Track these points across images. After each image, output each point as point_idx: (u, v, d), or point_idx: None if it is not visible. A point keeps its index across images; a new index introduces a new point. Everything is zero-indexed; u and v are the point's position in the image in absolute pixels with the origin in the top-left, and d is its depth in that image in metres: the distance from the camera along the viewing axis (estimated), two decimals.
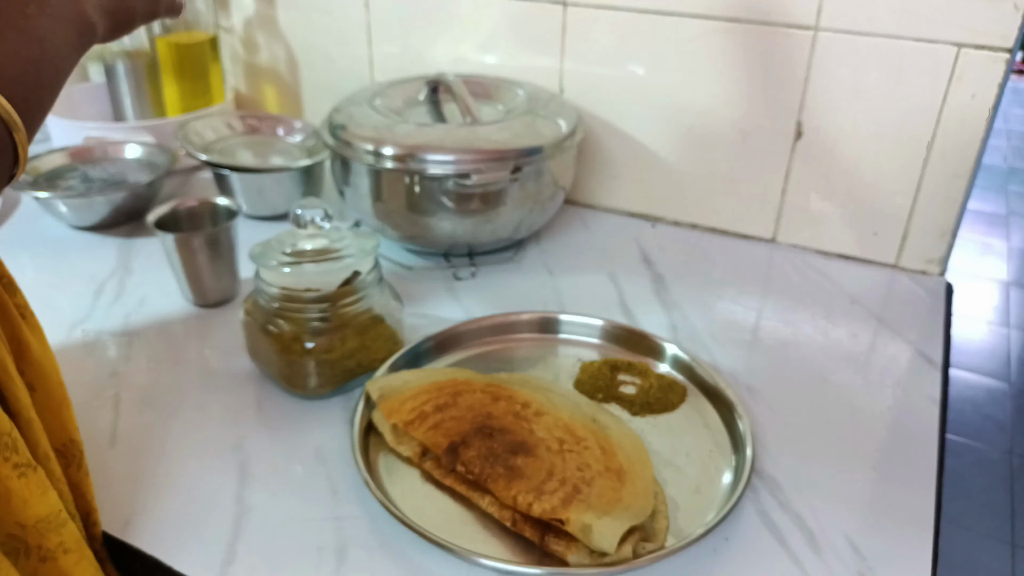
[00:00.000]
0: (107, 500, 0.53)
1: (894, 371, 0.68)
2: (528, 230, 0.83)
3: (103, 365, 0.67)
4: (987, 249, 2.84)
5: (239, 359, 0.67)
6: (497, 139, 0.75)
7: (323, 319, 0.60)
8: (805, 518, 0.52)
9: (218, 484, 0.54)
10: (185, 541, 0.50)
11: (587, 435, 0.55)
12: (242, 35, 1.12)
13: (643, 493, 0.50)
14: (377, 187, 0.76)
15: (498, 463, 0.51)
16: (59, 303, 0.76)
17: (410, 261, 0.83)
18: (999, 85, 0.72)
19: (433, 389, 0.58)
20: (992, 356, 2.24)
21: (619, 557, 0.46)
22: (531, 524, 0.49)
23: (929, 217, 0.80)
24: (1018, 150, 3.78)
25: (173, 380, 0.65)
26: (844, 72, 0.77)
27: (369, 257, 0.62)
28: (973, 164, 0.76)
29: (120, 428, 0.60)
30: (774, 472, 0.56)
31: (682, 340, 0.71)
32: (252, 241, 0.64)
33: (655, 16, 0.83)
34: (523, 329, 0.71)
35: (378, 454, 0.57)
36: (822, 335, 0.72)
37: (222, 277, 0.74)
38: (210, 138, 0.95)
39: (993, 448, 1.90)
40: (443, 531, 0.49)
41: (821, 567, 0.49)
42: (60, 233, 0.89)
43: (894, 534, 0.51)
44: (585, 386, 0.64)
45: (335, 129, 0.79)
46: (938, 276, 0.82)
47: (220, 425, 0.60)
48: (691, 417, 0.61)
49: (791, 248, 0.88)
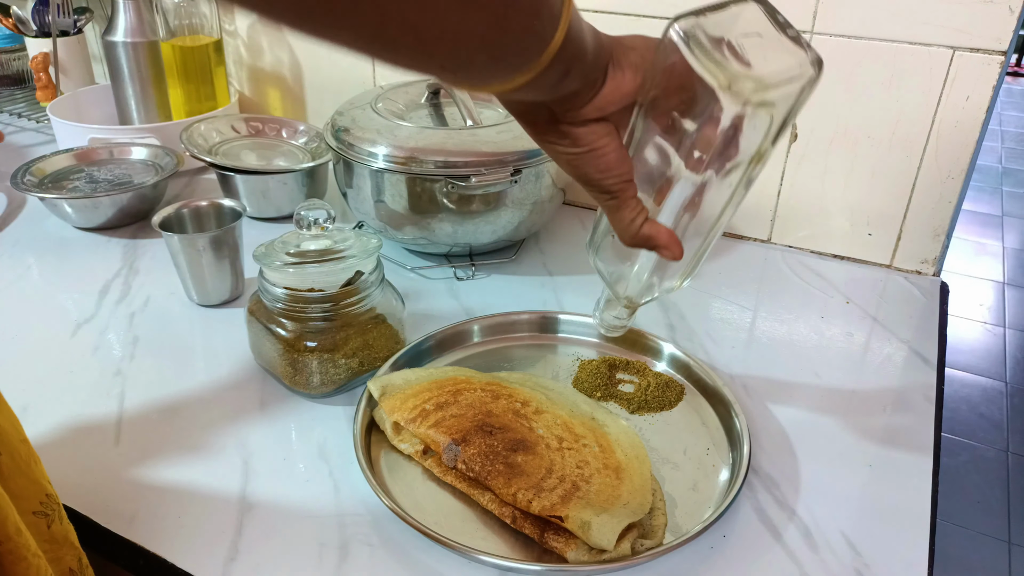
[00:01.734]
0: (111, 498, 0.54)
1: (890, 370, 0.68)
2: (528, 231, 0.84)
3: (108, 364, 0.68)
4: (982, 249, 2.85)
5: (243, 358, 0.68)
6: (497, 142, 0.76)
7: (326, 319, 0.61)
8: (802, 515, 0.53)
9: (221, 482, 0.55)
10: (188, 538, 0.51)
11: (586, 433, 0.55)
12: (246, 39, 1.13)
13: (641, 490, 0.51)
14: (379, 189, 0.77)
15: (498, 460, 0.52)
16: (65, 303, 0.77)
17: (412, 261, 0.84)
18: (993, 87, 0.73)
19: (434, 387, 0.58)
20: (987, 355, 2.24)
21: (617, 554, 0.47)
22: (531, 521, 0.50)
23: (924, 218, 0.81)
24: (1013, 151, 3.79)
25: (177, 379, 0.66)
26: (839, 75, 0.78)
27: (371, 257, 0.63)
28: (968, 165, 0.77)
29: (124, 426, 0.60)
30: (771, 470, 0.57)
31: (679, 339, 0.71)
32: (256, 242, 0.64)
33: (651, 20, 0.84)
34: (522, 328, 0.72)
35: (380, 452, 0.57)
36: (818, 335, 0.73)
37: (226, 277, 0.75)
38: (215, 140, 0.96)
39: (988, 447, 1.91)
40: (444, 528, 0.50)
41: (818, 564, 0.49)
42: (66, 234, 0.90)
43: (890, 532, 0.52)
44: (584, 384, 0.64)
45: (338, 132, 0.80)
46: (933, 276, 0.83)
47: (224, 423, 0.61)
48: (688, 415, 0.62)
49: (786, 248, 0.88)
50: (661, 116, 0.40)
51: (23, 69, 1.35)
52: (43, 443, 0.59)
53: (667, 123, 0.41)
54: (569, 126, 0.40)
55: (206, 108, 1.07)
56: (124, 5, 1.02)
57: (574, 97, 0.39)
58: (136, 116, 1.09)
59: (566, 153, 0.41)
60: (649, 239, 0.43)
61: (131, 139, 1.00)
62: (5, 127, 1.25)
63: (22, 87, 1.36)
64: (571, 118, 0.40)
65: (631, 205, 0.43)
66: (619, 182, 0.42)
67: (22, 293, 0.79)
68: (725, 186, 0.43)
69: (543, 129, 0.41)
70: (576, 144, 0.41)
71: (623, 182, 0.42)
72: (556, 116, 0.40)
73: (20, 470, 0.42)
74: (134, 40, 1.03)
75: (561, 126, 0.40)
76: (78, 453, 0.58)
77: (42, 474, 0.44)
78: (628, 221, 0.43)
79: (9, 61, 1.35)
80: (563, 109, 0.39)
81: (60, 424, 0.61)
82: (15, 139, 1.20)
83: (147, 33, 1.04)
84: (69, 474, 0.56)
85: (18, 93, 1.34)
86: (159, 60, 1.05)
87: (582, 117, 0.40)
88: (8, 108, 1.27)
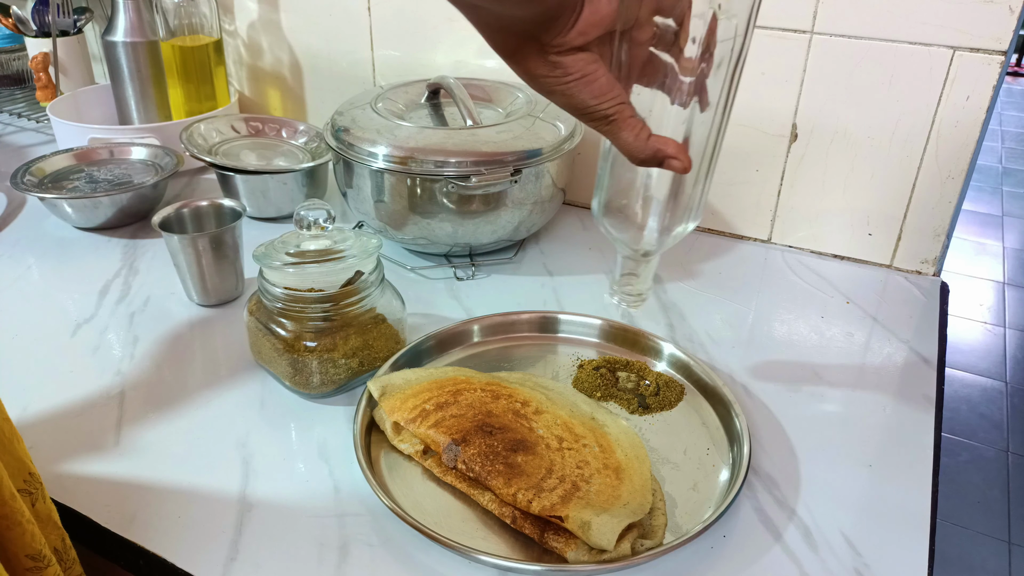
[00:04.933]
0: (111, 498, 0.54)
1: (890, 370, 0.68)
2: (528, 231, 0.84)
3: (108, 364, 0.68)
4: (982, 249, 2.85)
5: (243, 358, 0.68)
6: (497, 142, 0.76)
7: (326, 319, 0.61)
8: (802, 515, 0.53)
9: (221, 482, 0.55)
10: (188, 539, 0.51)
11: (586, 433, 0.55)
12: (246, 39, 1.13)
13: (641, 490, 0.51)
14: (379, 189, 0.77)
15: (498, 460, 0.52)
16: (64, 303, 0.77)
17: (411, 261, 0.84)
18: (994, 87, 0.73)
19: (434, 387, 0.58)
20: (987, 355, 2.24)
21: (617, 554, 0.47)
22: (531, 521, 0.50)
23: (924, 218, 0.81)
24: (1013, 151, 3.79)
25: (177, 379, 0.66)
26: (839, 75, 0.78)
27: (371, 257, 0.63)
28: (968, 166, 0.77)
29: (124, 426, 0.60)
30: (771, 470, 0.57)
31: (679, 339, 0.72)
32: (256, 242, 0.64)
33: None
34: (523, 328, 0.72)
35: (380, 452, 0.57)
36: (818, 335, 0.73)
37: (226, 277, 0.75)
38: (214, 140, 0.96)
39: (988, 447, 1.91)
40: (444, 528, 0.50)
41: (818, 564, 0.49)
42: (66, 234, 0.90)
43: (890, 531, 0.52)
44: (584, 385, 0.64)
45: (338, 132, 0.80)
46: (933, 276, 0.83)
47: (223, 423, 0.61)
48: (688, 415, 0.62)
49: (787, 249, 0.88)
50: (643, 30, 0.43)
51: (23, 69, 1.35)
52: (43, 443, 0.59)
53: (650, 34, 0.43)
54: (557, 55, 0.41)
55: (206, 108, 1.07)
56: (124, 5, 1.02)
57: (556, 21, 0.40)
58: (136, 116, 1.09)
59: (559, 83, 0.43)
60: (658, 151, 0.45)
61: (131, 139, 1.00)
62: (5, 127, 1.25)
63: (22, 87, 1.36)
64: (558, 45, 0.41)
65: (631, 124, 0.44)
66: (614, 104, 0.43)
67: (22, 293, 0.79)
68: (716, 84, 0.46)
69: (534, 64, 0.42)
70: (567, 73, 0.42)
71: (618, 103, 0.43)
72: (543, 48, 0.41)
73: (4, 447, 0.43)
74: (134, 40, 1.03)
75: (550, 56, 0.42)
76: (78, 453, 0.58)
77: (25, 453, 0.44)
78: (633, 138, 0.44)
79: (9, 61, 1.35)
80: (549, 36, 0.41)
81: (60, 424, 0.61)
82: (15, 139, 1.20)
83: (147, 33, 1.04)
84: (69, 474, 0.56)
85: (18, 93, 1.34)
86: (159, 60, 1.05)
87: (568, 44, 0.41)
88: (8, 108, 1.27)
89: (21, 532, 0.41)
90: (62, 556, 0.47)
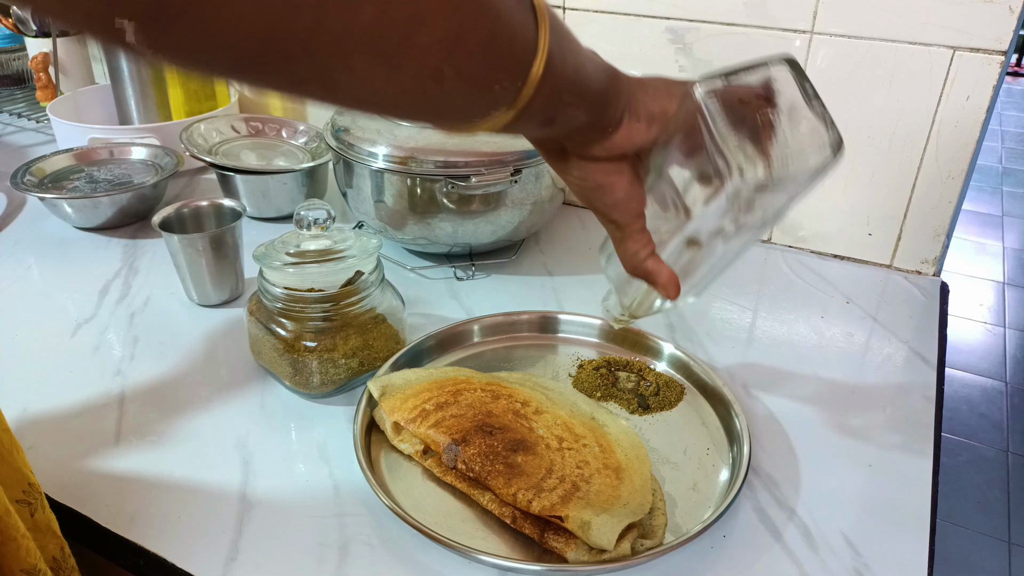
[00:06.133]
0: (111, 498, 0.54)
1: (889, 370, 0.68)
2: (528, 231, 0.84)
3: (108, 364, 0.68)
4: (982, 249, 2.85)
5: (243, 358, 0.68)
6: (497, 142, 0.76)
7: (326, 319, 0.61)
8: (802, 515, 0.53)
9: (221, 482, 0.55)
10: (188, 538, 0.51)
11: (586, 433, 0.55)
12: None
13: (641, 490, 0.51)
14: (379, 189, 0.77)
15: (498, 460, 0.52)
16: (65, 303, 0.77)
17: (411, 261, 0.84)
18: (994, 87, 0.73)
19: (434, 387, 0.58)
20: (987, 355, 2.24)
21: (617, 554, 0.47)
22: (531, 521, 0.50)
23: (924, 218, 0.81)
24: (1013, 151, 3.79)
25: (177, 379, 0.66)
26: (839, 75, 0.78)
27: (371, 257, 0.63)
28: (968, 165, 0.77)
29: (124, 426, 0.60)
30: (771, 469, 0.57)
31: (679, 339, 0.71)
32: (256, 242, 0.64)
33: (652, 20, 0.84)
34: (523, 328, 0.72)
35: (380, 452, 0.57)
36: (817, 334, 0.73)
37: (226, 277, 0.75)
38: (215, 140, 0.96)
39: (988, 447, 1.91)
40: (444, 528, 0.50)
41: (817, 564, 0.49)
42: (66, 234, 0.90)
43: (890, 531, 0.52)
44: (584, 385, 0.64)
45: (338, 132, 0.80)
46: (933, 276, 0.83)
47: (223, 423, 0.61)
48: (688, 415, 0.62)
49: (786, 248, 0.88)
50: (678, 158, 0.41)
51: (23, 69, 1.35)
52: (43, 443, 0.59)
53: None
54: (579, 160, 0.41)
55: (206, 108, 1.07)
56: None
57: (583, 135, 0.39)
58: (136, 116, 1.09)
59: (576, 184, 0.43)
60: (649, 274, 0.44)
61: (131, 139, 1.00)
62: (5, 127, 1.25)
63: (22, 87, 1.36)
64: (580, 153, 0.41)
65: (636, 238, 0.43)
66: (627, 216, 0.43)
67: (22, 293, 0.79)
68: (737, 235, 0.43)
69: (555, 158, 0.42)
70: (584, 178, 0.42)
71: (631, 216, 0.43)
72: (567, 149, 0.41)
73: (3, 459, 0.43)
74: None
75: (572, 159, 0.41)
76: (78, 453, 0.58)
77: (24, 463, 0.44)
78: (632, 253, 0.44)
79: (9, 61, 1.35)
80: (573, 144, 0.40)
81: (60, 424, 0.61)
82: (15, 139, 1.20)
83: None
84: (69, 474, 0.56)
85: (18, 93, 1.34)
86: None
87: (591, 155, 0.41)
88: (8, 108, 1.27)
89: (16, 547, 0.41)
90: (61, 565, 0.46)
